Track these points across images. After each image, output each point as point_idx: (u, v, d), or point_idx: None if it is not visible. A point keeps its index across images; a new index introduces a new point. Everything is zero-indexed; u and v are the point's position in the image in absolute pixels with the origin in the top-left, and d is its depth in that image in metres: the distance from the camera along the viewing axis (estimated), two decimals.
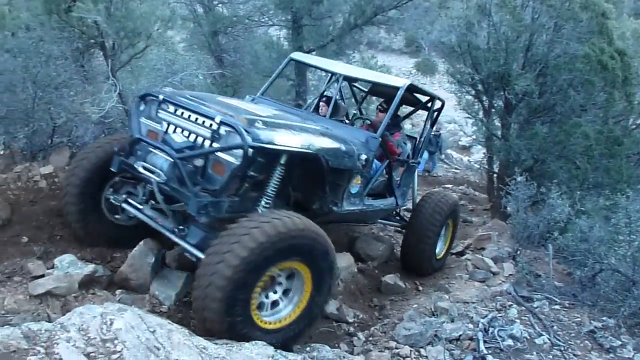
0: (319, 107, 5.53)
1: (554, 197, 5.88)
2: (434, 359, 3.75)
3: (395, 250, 6.13)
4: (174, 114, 3.79)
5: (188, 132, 3.66)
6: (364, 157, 4.39)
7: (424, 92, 5.72)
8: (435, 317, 4.42)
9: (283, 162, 3.63)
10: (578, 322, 4.47)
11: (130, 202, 4.04)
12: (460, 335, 4.01)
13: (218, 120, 3.47)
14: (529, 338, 4.08)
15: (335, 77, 5.48)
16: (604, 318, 4.54)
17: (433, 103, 5.76)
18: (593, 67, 7.54)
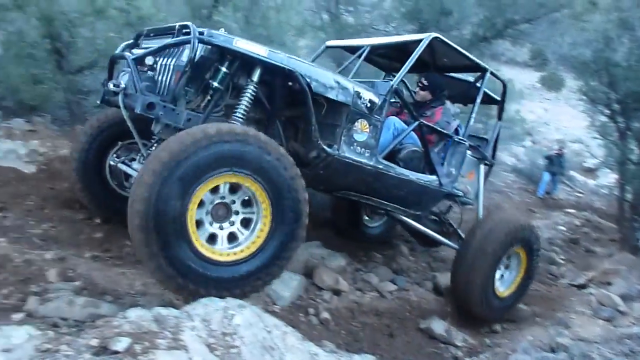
0: None
1: None
2: None
3: None
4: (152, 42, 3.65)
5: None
6: (368, 96, 3.76)
7: (462, 54, 4.55)
8: (554, 353, 4.10)
9: (255, 79, 3.31)
10: None
11: (127, 162, 3.90)
12: None
13: (177, 26, 3.26)
14: None
15: (363, 49, 4.76)
16: None
17: (483, 78, 4.78)
18: None
